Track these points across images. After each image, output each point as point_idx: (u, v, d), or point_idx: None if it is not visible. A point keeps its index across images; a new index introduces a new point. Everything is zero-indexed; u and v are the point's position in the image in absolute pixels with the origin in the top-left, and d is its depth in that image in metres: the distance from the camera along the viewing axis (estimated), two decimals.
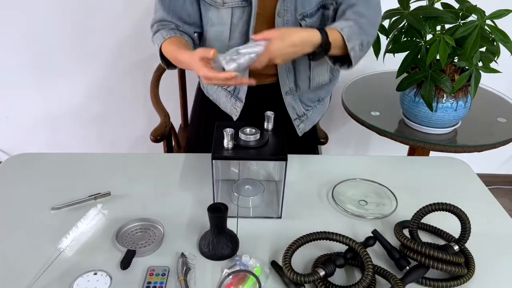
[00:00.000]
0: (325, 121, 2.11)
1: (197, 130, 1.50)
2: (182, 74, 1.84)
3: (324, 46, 1.06)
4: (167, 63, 1.22)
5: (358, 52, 1.11)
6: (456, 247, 0.90)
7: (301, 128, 1.35)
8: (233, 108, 1.30)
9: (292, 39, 1.03)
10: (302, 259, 0.93)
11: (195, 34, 1.26)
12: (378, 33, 1.41)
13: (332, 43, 1.06)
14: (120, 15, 1.99)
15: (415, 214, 0.94)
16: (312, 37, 1.05)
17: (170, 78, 1.86)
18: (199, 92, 1.45)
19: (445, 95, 1.40)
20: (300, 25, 1.15)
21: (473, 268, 0.90)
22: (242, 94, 1.27)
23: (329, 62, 1.18)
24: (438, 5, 1.37)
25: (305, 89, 1.29)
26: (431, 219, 1.00)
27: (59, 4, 1.97)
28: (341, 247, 0.92)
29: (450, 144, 1.46)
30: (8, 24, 2.02)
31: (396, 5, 1.38)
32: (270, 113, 1.05)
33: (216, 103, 1.37)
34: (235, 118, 1.30)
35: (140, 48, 2.05)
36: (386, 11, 1.40)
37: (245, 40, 1.16)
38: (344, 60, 1.15)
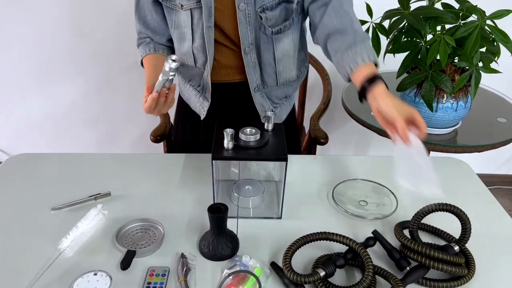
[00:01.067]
0: (325, 121, 2.10)
1: (176, 130, 1.52)
2: None
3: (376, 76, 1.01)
4: None
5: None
6: (456, 248, 0.90)
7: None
8: (201, 107, 1.31)
9: (395, 100, 0.97)
10: (302, 260, 0.93)
11: (168, 43, 1.29)
12: (378, 33, 1.42)
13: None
14: (120, 14, 1.99)
15: (415, 214, 0.94)
16: (382, 86, 0.98)
17: None
18: (179, 94, 1.47)
19: (445, 95, 1.40)
20: (261, 18, 1.14)
21: (474, 269, 0.90)
22: (208, 94, 1.28)
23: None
24: (438, 5, 1.36)
25: (273, 85, 1.28)
26: (432, 219, 1.00)
27: (59, 4, 1.97)
28: (341, 248, 0.92)
29: (450, 144, 1.46)
30: (8, 25, 2.02)
31: (396, 5, 1.38)
32: (270, 114, 1.05)
33: (187, 103, 1.39)
34: (202, 117, 1.32)
35: None
36: (386, 11, 1.40)
37: (207, 39, 1.17)
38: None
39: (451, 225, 0.99)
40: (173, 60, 0.96)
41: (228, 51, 1.22)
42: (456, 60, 1.39)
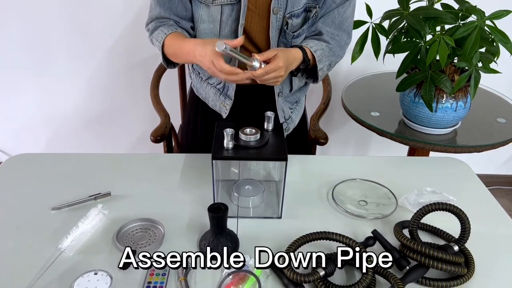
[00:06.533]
0: (325, 121, 2.11)
1: (187, 130, 1.51)
2: (182, 74, 1.84)
3: (306, 63, 1.17)
4: (167, 61, 1.22)
5: (325, 71, 1.24)
6: (456, 247, 0.90)
7: (286, 130, 1.40)
8: (222, 106, 1.31)
9: (290, 55, 1.11)
10: None
11: (191, 28, 1.27)
12: (377, 33, 1.42)
13: (310, 61, 1.17)
14: (120, 15, 2.00)
15: (415, 214, 0.94)
16: (299, 55, 1.15)
17: (170, 78, 1.86)
18: (191, 93, 1.46)
19: (444, 96, 1.41)
20: (286, 23, 1.17)
21: (473, 268, 0.90)
22: (231, 92, 1.27)
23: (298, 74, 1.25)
24: (437, 6, 1.37)
25: (287, 93, 1.32)
26: (431, 219, 1.00)
27: (59, 4, 1.97)
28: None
29: (450, 145, 1.47)
30: (8, 25, 2.02)
31: (396, 5, 1.38)
32: (270, 113, 1.06)
33: (205, 102, 1.38)
34: (224, 115, 1.31)
35: (140, 48, 2.05)
36: (386, 12, 1.41)
37: (235, 37, 1.17)
38: (310, 72, 1.26)
39: (450, 225, 0.99)
40: (223, 49, 0.96)
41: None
42: (455, 61, 1.39)
